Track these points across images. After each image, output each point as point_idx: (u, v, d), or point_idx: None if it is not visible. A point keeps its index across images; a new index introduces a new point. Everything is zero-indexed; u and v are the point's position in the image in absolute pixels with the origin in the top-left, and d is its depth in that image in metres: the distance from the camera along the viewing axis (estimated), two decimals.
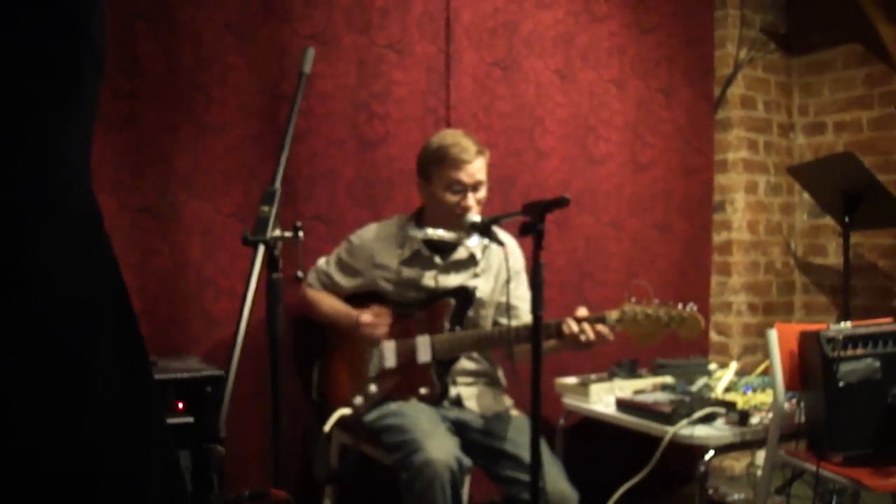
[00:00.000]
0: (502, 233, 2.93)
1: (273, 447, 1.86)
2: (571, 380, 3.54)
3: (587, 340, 2.63)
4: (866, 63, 4.45)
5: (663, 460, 2.96)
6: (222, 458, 1.53)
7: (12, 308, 0.97)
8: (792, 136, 4.82)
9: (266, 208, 1.82)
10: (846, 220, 3.82)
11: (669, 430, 2.94)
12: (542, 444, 2.34)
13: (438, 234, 2.83)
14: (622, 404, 3.24)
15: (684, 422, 2.95)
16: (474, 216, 2.74)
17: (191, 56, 3.11)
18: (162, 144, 3.06)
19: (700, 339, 4.45)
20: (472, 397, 2.95)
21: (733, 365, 3.52)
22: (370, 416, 2.84)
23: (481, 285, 2.95)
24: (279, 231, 1.82)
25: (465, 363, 2.98)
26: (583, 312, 2.67)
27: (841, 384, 2.69)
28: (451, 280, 2.95)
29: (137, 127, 3.01)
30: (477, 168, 2.83)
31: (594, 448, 3.57)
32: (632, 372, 3.58)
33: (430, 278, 2.94)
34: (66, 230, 1.04)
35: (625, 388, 3.43)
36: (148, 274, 3.04)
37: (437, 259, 2.95)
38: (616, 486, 3.11)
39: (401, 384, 2.87)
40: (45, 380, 1.00)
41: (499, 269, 2.98)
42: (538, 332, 2.27)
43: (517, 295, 2.98)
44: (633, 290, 2.75)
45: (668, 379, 3.48)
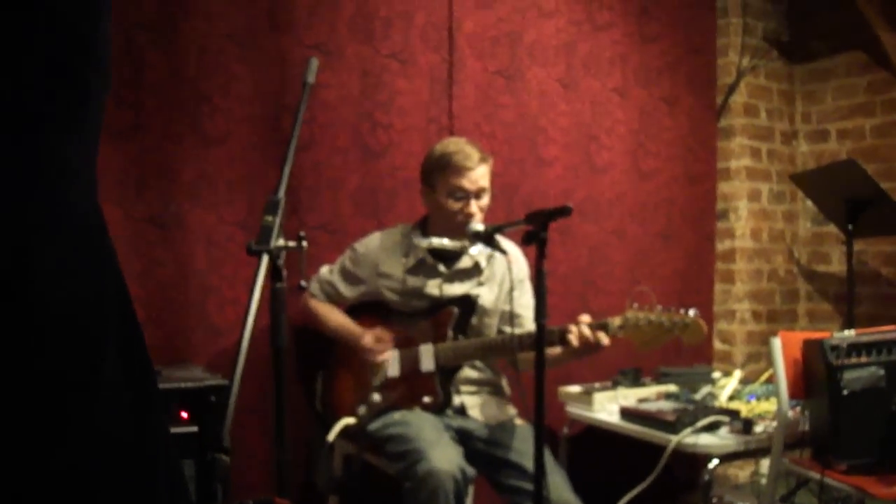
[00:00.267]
0: (506, 241, 2.93)
1: (277, 456, 1.86)
2: (575, 388, 3.53)
3: (591, 345, 2.63)
4: (869, 71, 4.46)
5: (667, 469, 2.96)
6: (226, 467, 1.53)
7: (18, 318, 0.98)
8: (795, 144, 4.82)
9: (270, 218, 1.82)
10: (849, 227, 3.82)
11: (673, 439, 2.94)
12: (545, 453, 2.34)
13: (443, 243, 2.83)
14: (626, 413, 3.23)
15: (688, 430, 2.94)
16: (477, 225, 2.74)
17: (195, 66, 3.11)
18: (166, 154, 3.07)
19: (704, 348, 4.45)
20: (476, 406, 2.95)
21: (737, 373, 3.52)
22: (374, 426, 2.83)
23: (485, 294, 2.95)
24: (283, 241, 1.82)
25: (469, 372, 2.98)
26: (586, 319, 2.67)
27: (845, 392, 2.69)
28: (456, 289, 2.95)
29: (141, 137, 3.02)
30: (480, 175, 2.83)
31: (598, 457, 3.56)
32: (635, 380, 3.58)
33: (434, 287, 2.94)
34: (71, 241, 1.04)
35: (628, 396, 3.43)
36: (152, 283, 3.04)
37: (442, 267, 2.95)
38: (620, 494, 3.11)
39: (404, 393, 2.86)
40: (50, 389, 1.00)
41: (503, 278, 2.98)
42: (542, 340, 2.27)
43: (521, 304, 2.98)
44: (635, 297, 2.74)
45: (672, 387, 3.48)
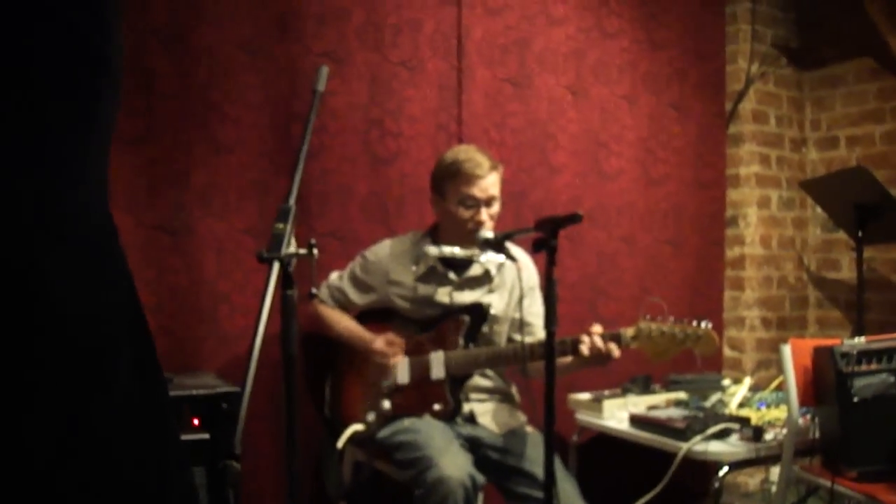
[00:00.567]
0: (515, 249, 2.93)
1: (287, 464, 1.87)
2: (585, 396, 3.53)
3: (600, 355, 2.64)
4: (878, 77, 4.45)
5: (677, 476, 2.96)
6: (238, 474, 1.53)
7: (28, 326, 0.98)
8: (804, 151, 4.81)
9: (281, 225, 1.82)
10: (859, 234, 3.81)
11: (683, 446, 2.93)
12: (555, 461, 2.34)
13: (454, 251, 2.83)
14: (636, 420, 3.23)
15: (698, 438, 2.94)
16: (487, 232, 2.75)
17: (205, 74, 3.13)
18: (176, 162, 3.08)
19: (713, 355, 4.44)
20: (486, 413, 2.95)
21: (747, 380, 3.51)
22: (383, 433, 2.84)
23: (496, 301, 2.95)
24: (294, 248, 1.83)
25: (479, 380, 2.98)
26: (598, 330, 2.68)
27: (855, 399, 2.68)
28: (466, 296, 2.95)
29: (152, 144, 3.03)
30: (490, 183, 2.83)
31: (608, 464, 3.56)
32: (645, 388, 3.57)
33: (444, 295, 2.94)
34: (83, 248, 1.04)
35: (638, 403, 3.42)
36: (163, 291, 3.05)
37: (452, 275, 2.96)
38: (630, 502, 3.10)
39: (414, 400, 2.87)
40: (60, 397, 1.00)
41: (513, 285, 2.98)
42: (552, 348, 2.27)
43: (531, 312, 2.99)
44: (647, 308, 2.75)
45: (682, 395, 3.48)
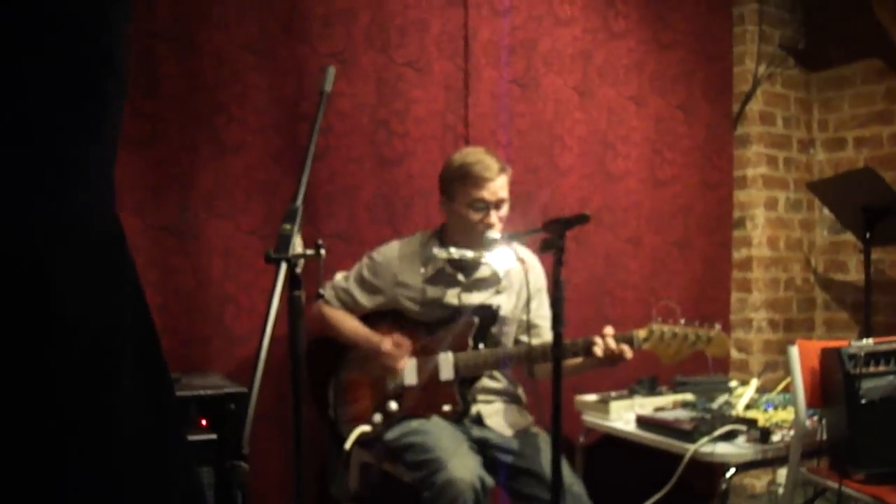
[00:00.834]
0: (523, 250, 2.93)
1: (294, 465, 1.86)
2: (591, 397, 3.52)
3: (613, 356, 2.66)
4: (886, 78, 4.44)
5: (684, 478, 2.95)
6: (246, 474, 1.53)
7: (35, 329, 0.98)
8: (812, 152, 4.80)
9: (288, 226, 1.82)
10: (867, 235, 3.80)
11: (690, 448, 2.93)
12: (562, 462, 2.34)
13: (463, 253, 2.83)
14: (642, 421, 3.22)
15: (705, 439, 2.93)
16: (494, 233, 2.75)
17: (211, 76, 3.13)
18: (183, 163, 3.09)
19: (723, 356, 4.43)
20: (493, 415, 2.95)
21: (754, 382, 3.50)
22: (391, 434, 2.83)
23: (504, 303, 2.95)
24: (301, 249, 1.82)
25: (486, 381, 2.98)
26: (610, 332, 2.69)
27: (863, 401, 2.67)
28: (475, 298, 2.95)
29: (158, 146, 3.04)
30: (500, 186, 2.83)
31: (614, 465, 3.55)
32: (652, 389, 3.56)
33: (453, 296, 2.94)
34: (89, 251, 1.05)
35: (645, 405, 3.42)
36: (169, 292, 3.05)
37: (461, 277, 2.95)
38: (636, 503, 3.09)
39: (422, 402, 2.86)
40: (67, 400, 1.00)
41: (521, 287, 2.97)
42: (559, 348, 2.27)
43: (539, 314, 2.98)
44: (658, 310, 2.76)
45: (689, 396, 3.46)
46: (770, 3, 4.60)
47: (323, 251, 1.84)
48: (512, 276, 2.99)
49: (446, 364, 2.85)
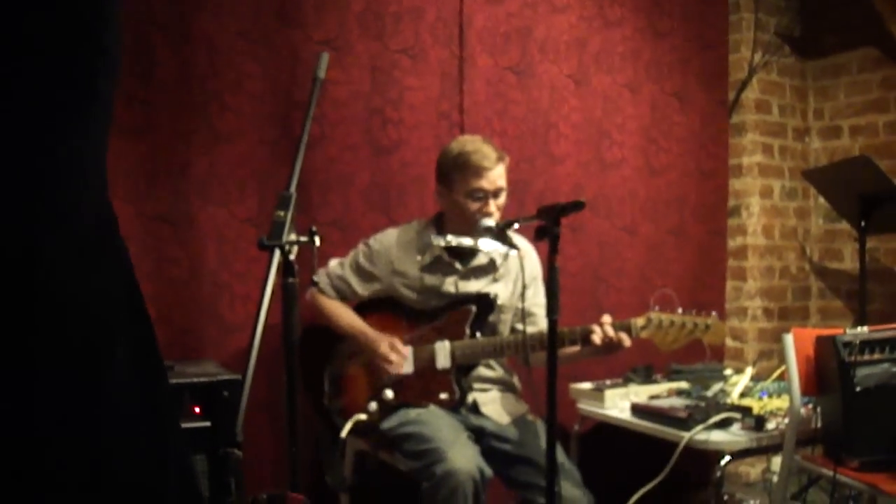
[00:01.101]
0: (518, 238, 2.92)
1: (289, 452, 1.86)
2: (586, 385, 3.53)
3: (612, 344, 2.67)
4: (882, 66, 4.43)
5: (679, 466, 2.95)
6: (239, 461, 1.53)
7: (27, 317, 0.97)
8: (807, 140, 4.80)
9: (282, 213, 1.81)
10: (862, 224, 3.80)
11: (685, 436, 2.93)
12: (557, 449, 2.34)
13: (461, 241, 2.82)
14: (637, 409, 3.23)
15: (700, 427, 2.93)
16: (489, 220, 2.74)
17: (205, 63, 3.12)
18: (176, 151, 3.07)
19: (720, 345, 4.44)
20: (489, 403, 2.94)
21: (749, 370, 3.50)
22: (388, 423, 2.83)
23: (501, 291, 2.94)
24: (294, 235, 1.82)
25: (482, 370, 2.97)
26: (608, 320, 2.69)
27: (858, 389, 2.67)
28: (472, 286, 2.94)
29: (152, 134, 3.02)
30: (498, 175, 2.82)
31: (609, 453, 3.55)
32: (647, 377, 3.57)
33: (450, 284, 2.93)
34: (81, 239, 1.04)
35: (640, 393, 3.42)
36: (163, 280, 3.05)
37: (458, 265, 2.94)
38: (631, 491, 3.10)
39: (419, 390, 2.86)
40: (60, 388, 1.00)
41: (517, 275, 2.97)
42: (554, 336, 2.27)
43: (535, 302, 2.98)
44: (656, 298, 2.77)
45: (684, 384, 3.47)
46: None
47: (317, 238, 1.84)
48: (509, 264, 2.98)
49: (443, 352, 2.84)
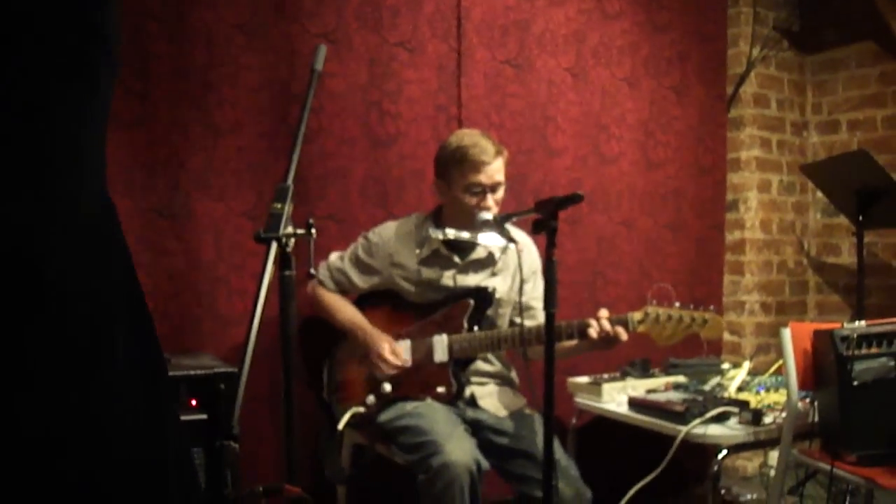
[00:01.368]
0: (516, 231, 2.92)
1: (286, 445, 1.86)
2: (584, 379, 3.52)
3: (608, 338, 2.67)
4: (880, 61, 4.43)
5: (676, 459, 2.95)
6: (236, 454, 1.53)
7: (28, 308, 0.97)
8: (805, 135, 4.80)
9: (279, 205, 1.80)
10: (860, 218, 3.80)
11: (682, 430, 2.93)
12: (555, 443, 2.34)
13: (459, 235, 2.82)
14: (635, 403, 3.22)
15: (697, 421, 2.93)
16: (486, 213, 2.73)
17: (202, 56, 3.11)
18: (173, 144, 3.07)
19: (717, 339, 4.44)
20: (486, 396, 2.95)
21: (746, 364, 3.50)
22: (385, 416, 2.83)
23: (499, 284, 2.94)
24: (292, 228, 1.81)
25: (480, 363, 2.97)
26: (605, 314, 2.69)
27: (855, 383, 2.67)
28: (470, 279, 2.94)
29: (149, 127, 3.01)
30: (496, 169, 2.81)
31: (606, 447, 3.55)
32: (644, 371, 3.57)
33: (448, 278, 2.93)
34: (81, 230, 1.04)
35: (637, 387, 3.42)
36: (160, 273, 3.04)
37: (456, 259, 2.94)
38: (629, 485, 3.10)
39: (416, 383, 2.86)
40: (60, 378, 1.00)
41: (516, 269, 2.97)
42: (551, 329, 2.26)
43: (533, 296, 2.98)
44: (653, 292, 2.77)
45: (681, 378, 3.47)
46: None
47: (314, 230, 1.83)
48: (508, 258, 2.98)
49: (440, 346, 2.84)
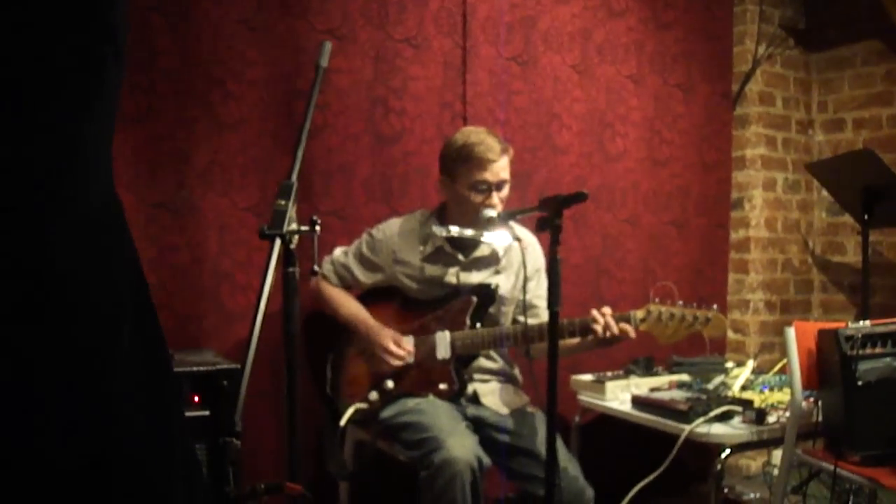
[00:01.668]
0: (520, 228, 2.92)
1: (288, 442, 1.86)
2: (587, 377, 3.52)
3: (612, 336, 2.66)
4: (886, 59, 4.42)
5: (679, 458, 2.95)
6: (238, 451, 1.53)
7: (33, 303, 0.97)
8: (811, 133, 4.79)
9: (283, 202, 1.80)
10: (865, 217, 3.79)
11: (685, 428, 2.92)
12: (557, 441, 2.33)
13: (463, 232, 2.82)
14: (638, 402, 3.22)
15: (700, 420, 2.93)
16: (490, 211, 2.73)
17: (207, 51, 3.11)
18: (178, 139, 3.07)
19: (721, 338, 4.43)
20: (489, 394, 2.94)
21: (750, 363, 3.50)
22: (387, 413, 2.83)
23: (503, 282, 2.94)
24: (296, 225, 1.81)
25: (483, 361, 2.97)
26: (608, 311, 2.69)
27: (859, 383, 2.67)
28: (473, 277, 2.94)
29: (154, 122, 3.01)
30: (501, 167, 2.81)
31: (610, 445, 3.55)
32: (648, 369, 3.56)
33: (452, 275, 2.93)
34: (87, 224, 1.04)
35: (641, 385, 3.41)
36: (164, 268, 3.04)
37: (460, 256, 2.94)
38: (631, 483, 3.10)
39: (418, 380, 2.86)
40: (65, 374, 0.99)
41: (519, 266, 2.96)
42: (555, 327, 2.26)
43: (537, 294, 2.97)
44: (656, 290, 2.76)
45: (685, 377, 3.47)
46: None
47: (318, 227, 1.83)
48: (511, 256, 2.98)
49: (443, 343, 2.84)
